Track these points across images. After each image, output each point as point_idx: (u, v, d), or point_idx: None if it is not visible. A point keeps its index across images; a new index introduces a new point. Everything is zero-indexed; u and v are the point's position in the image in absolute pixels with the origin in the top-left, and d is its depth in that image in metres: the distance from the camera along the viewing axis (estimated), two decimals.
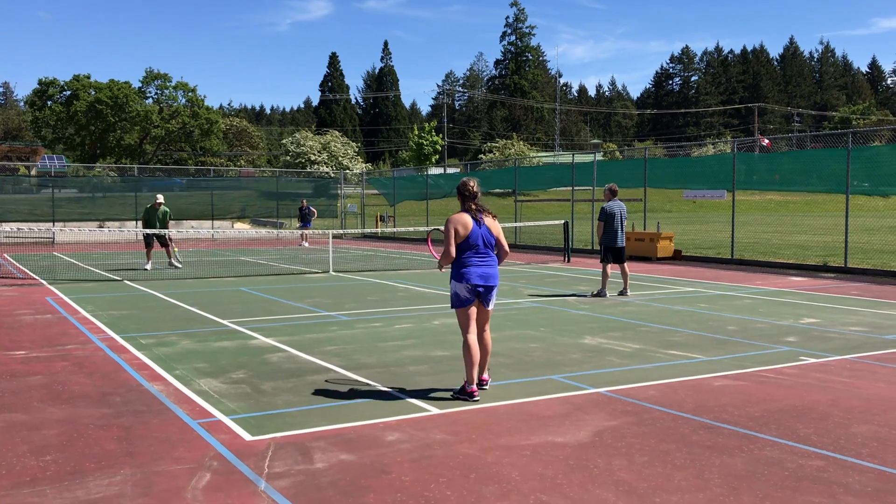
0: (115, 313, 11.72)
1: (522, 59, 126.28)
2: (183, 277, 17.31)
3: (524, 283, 15.90)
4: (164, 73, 68.58)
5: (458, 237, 6.57)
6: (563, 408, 6.25)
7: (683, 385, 7.02)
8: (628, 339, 9.30)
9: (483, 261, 6.63)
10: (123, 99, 63.37)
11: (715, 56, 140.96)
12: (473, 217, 6.62)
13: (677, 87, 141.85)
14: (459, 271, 6.60)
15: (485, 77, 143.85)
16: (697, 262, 21.32)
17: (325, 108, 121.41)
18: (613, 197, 13.69)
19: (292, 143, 68.32)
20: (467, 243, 6.58)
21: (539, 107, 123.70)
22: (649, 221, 24.68)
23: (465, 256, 6.60)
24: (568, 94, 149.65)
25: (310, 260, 22.71)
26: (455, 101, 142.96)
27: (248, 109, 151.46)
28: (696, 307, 12.19)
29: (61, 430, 5.69)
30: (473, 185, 6.70)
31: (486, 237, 6.63)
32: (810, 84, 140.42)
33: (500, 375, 7.39)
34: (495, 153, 72.78)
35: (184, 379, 7.31)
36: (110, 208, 39.06)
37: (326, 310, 12.04)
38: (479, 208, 6.68)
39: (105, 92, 63.14)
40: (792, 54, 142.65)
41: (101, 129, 64.48)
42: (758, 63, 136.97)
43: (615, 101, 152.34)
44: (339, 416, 6.00)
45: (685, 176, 24.33)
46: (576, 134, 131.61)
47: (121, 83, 64.54)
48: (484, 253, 6.64)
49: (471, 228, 6.58)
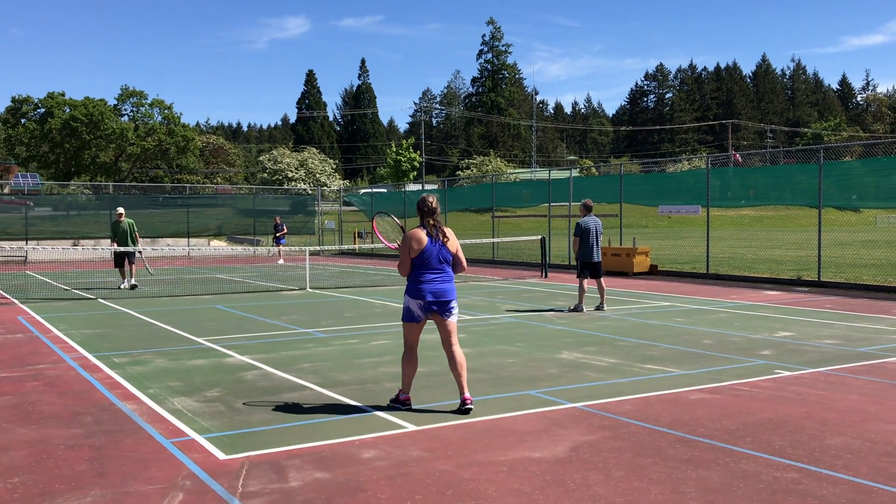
0: (88, 332, 11.57)
1: (499, 77, 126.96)
2: (158, 295, 17.14)
3: (501, 299, 15.90)
4: (140, 91, 68.23)
5: (413, 252, 6.64)
6: (540, 423, 6.24)
7: (660, 399, 7.03)
8: (605, 354, 9.31)
9: (437, 276, 6.69)
10: (98, 116, 62.92)
11: (689, 73, 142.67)
12: (429, 234, 6.68)
13: (652, 104, 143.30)
14: (414, 287, 6.68)
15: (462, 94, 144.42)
16: (673, 276, 21.44)
17: (302, 126, 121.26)
18: (589, 212, 13.75)
19: (269, 160, 68.12)
20: (421, 259, 6.65)
21: (516, 124, 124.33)
22: (625, 237, 24.81)
23: (419, 272, 6.67)
24: (544, 111, 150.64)
25: (287, 277, 22.59)
26: (433, 119, 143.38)
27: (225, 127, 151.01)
28: (672, 321, 12.24)
29: (30, 452, 5.59)
30: (433, 200, 6.73)
31: (440, 254, 6.69)
32: (783, 101, 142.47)
33: (477, 391, 7.36)
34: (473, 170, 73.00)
35: (157, 398, 7.21)
36: (85, 226, 38.67)
37: (303, 327, 11.96)
38: (436, 224, 6.73)
39: (80, 109, 62.67)
40: (764, 71, 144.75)
41: (75, 147, 63.93)
42: (731, 80, 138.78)
43: (591, 118, 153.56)
44: (314, 434, 5.94)
45: (660, 192, 24.50)
46: (552, 150, 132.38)
47: (96, 100, 64.09)
48: (438, 269, 6.69)
49: (425, 244, 6.63)
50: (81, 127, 62.49)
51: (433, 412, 6.61)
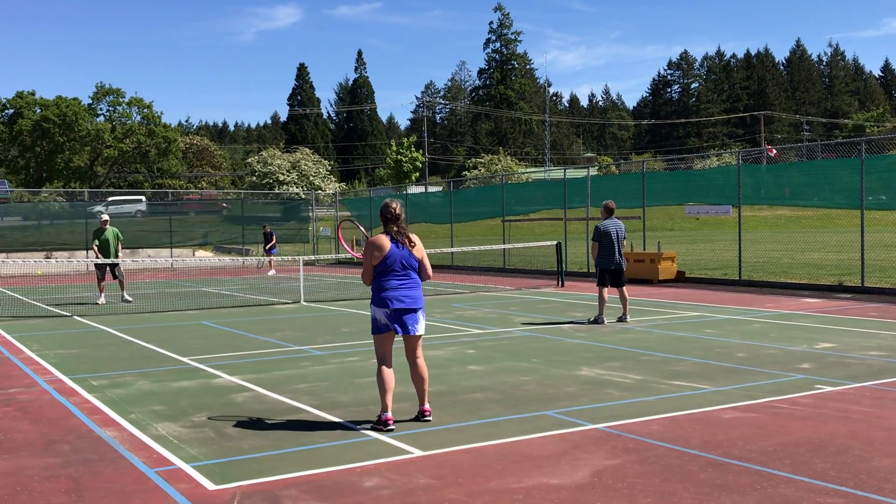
0: (63, 352, 11.61)
1: (508, 68, 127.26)
2: (139, 312, 17.20)
3: (514, 311, 15.90)
4: (117, 89, 68.60)
5: (375, 259, 6.93)
6: (558, 446, 6.24)
7: (689, 418, 7.02)
8: (629, 370, 9.31)
9: (402, 283, 6.97)
10: (72, 117, 63.27)
11: (716, 61, 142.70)
12: (394, 239, 6.95)
13: (676, 96, 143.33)
14: (378, 295, 6.96)
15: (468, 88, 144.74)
16: (702, 284, 21.41)
17: (294, 124, 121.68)
18: (610, 215, 13.77)
19: (259, 162, 68.31)
20: (384, 265, 6.93)
21: (527, 119, 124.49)
22: (649, 241, 24.79)
23: (383, 280, 6.96)
24: (558, 104, 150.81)
25: (279, 290, 22.64)
26: (436, 114, 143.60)
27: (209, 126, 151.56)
28: (702, 333, 12.23)
29: (2, 483, 5.62)
30: (396, 206, 7.06)
31: (405, 259, 6.98)
32: (819, 90, 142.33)
33: (488, 412, 7.37)
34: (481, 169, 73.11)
35: (140, 423, 7.24)
36: (58, 237, 38.81)
37: (297, 344, 11.98)
38: (400, 230, 7.00)
39: (52, 109, 63.02)
40: (799, 58, 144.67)
41: (47, 151, 64.27)
42: (762, 68, 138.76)
43: (609, 111, 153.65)
44: (311, 461, 5.95)
45: (687, 191, 24.48)
46: (568, 147, 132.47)
47: (69, 100, 64.45)
48: (403, 275, 6.99)
49: (388, 250, 6.92)
50: (53, 128, 62.86)
51: (440, 436, 6.62)
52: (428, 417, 7.08)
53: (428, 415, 7.10)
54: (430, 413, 7.11)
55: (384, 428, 6.75)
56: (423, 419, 7.07)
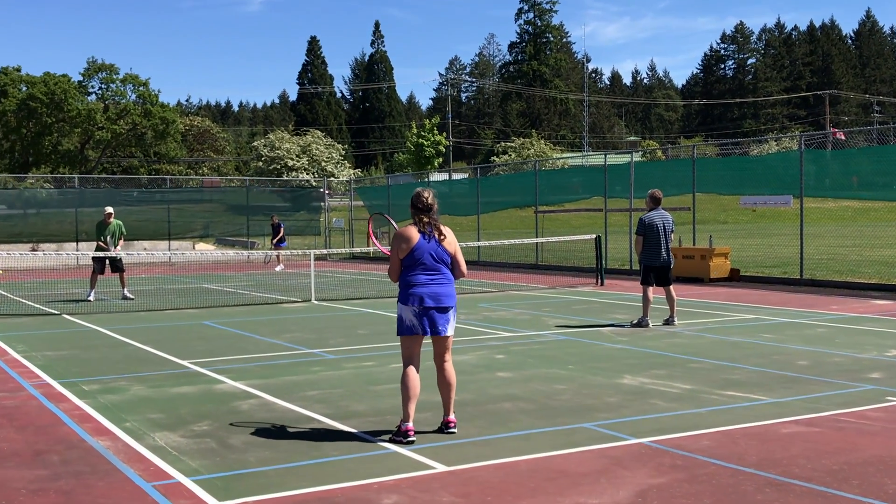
0: (51, 354, 11.74)
1: (542, 42, 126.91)
2: (134, 310, 17.35)
3: (548, 312, 15.88)
4: (110, 65, 69.13)
5: (402, 252, 6.97)
6: (598, 463, 6.23)
7: (745, 433, 6.99)
8: (677, 378, 9.28)
9: (433, 279, 7.00)
10: (61, 95, 63.86)
11: (776, 34, 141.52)
12: (421, 230, 6.99)
13: (731, 73, 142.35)
14: (406, 292, 7.02)
15: (497, 64, 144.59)
16: (759, 283, 21.30)
17: (304, 104, 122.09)
18: (656, 206, 13.71)
19: (265, 145, 68.71)
20: (412, 259, 6.98)
21: (563, 98, 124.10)
22: (700, 235, 24.66)
23: (411, 275, 7.00)
24: (598, 82, 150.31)
25: (288, 287, 22.75)
26: (461, 93, 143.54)
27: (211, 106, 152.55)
28: (759, 338, 12.16)
29: None
30: (428, 196, 7.12)
31: (436, 252, 7.02)
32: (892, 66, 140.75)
33: (519, 424, 7.37)
34: (511, 154, 73.05)
35: (135, 433, 7.30)
36: (45, 227, 39.20)
37: (308, 347, 12.04)
38: (431, 222, 7.03)
39: (39, 87, 63.64)
40: (869, 30, 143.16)
41: (34, 132, 64.91)
42: (828, 42, 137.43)
43: (656, 89, 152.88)
44: (324, 476, 5.98)
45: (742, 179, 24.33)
46: (608, 130, 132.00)
47: (58, 77, 65.04)
48: (434, 269, 7.04)
49: (416, 241, 6.95)
50: (41, 108, 63.47)
51: (466, 450, 6.63)
52: (452, 429, 7.09)
53: (453, 426, 7.10)
54: (454, 424, 7.12)
55: (404, 440, 6.77)
56: (446, 431, 7.08)
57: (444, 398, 7.17)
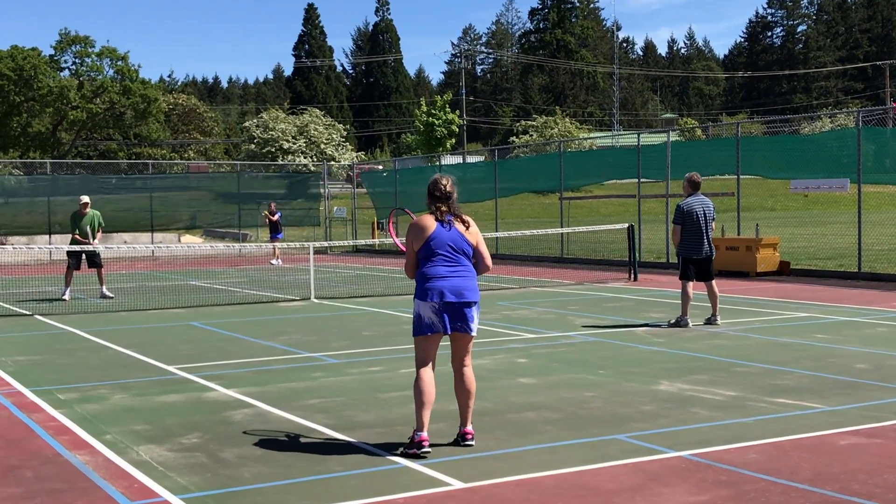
0: (23, 359, 11.80)
1: (567, 8, 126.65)
2: (114, 310, 17.42)
3: (575, 311, 15.86)
4: (85, 37, 69.40)
5: (417, 242, 6.99)
6: (632, 478, 6.23)
7: (797, 445, 6.98)
8: (720, 384, 9.27)
9: (453, 271, 7.00)
10: (30, 71, 64.13)
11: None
12: (438, 219, 7.00)
13: (779, 41, 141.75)
14: (423, 286, 7.00)
15: (516, 33, 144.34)
16: (812, 277, 21.25)
17: (300, 79, 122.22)
18: (695, 191, 13.67)
19: (258, 126, 68.84)
20: (429, 249, 6.98)
21: (591, 71, 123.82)
22: (745, 223, 24.58)
23: (429, 267, 6.99)
24: (630, 52, 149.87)
25: (284, 283, 22.80)
26: (477, 67, 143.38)
27: (197, 83, 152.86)
28: (812, 339, 12.13)
29: None
30: (447, 183, 7.15)
31: (455, 242, 7.03)
32: None
33: (544, 435, 7.37)
34: (532, 134, 72.97)
35: (117, 446, 7.34)
36: (14, 218, 39.38)
37: (307, 350, 12.07)
38: (450, 211, 7.07)
39: (5, 63, 63.91)
40: None
41: (1, 113, 65.17)
42: (888, 6, 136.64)
43: (695, 61, 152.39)
44: (327, 494, 6.01)
45: (792, 161, 24.23)
46: (641, 107, 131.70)
47: (26, 50, 65.32)
48: (454, 260, 7.05)
49: (432, 230, 6.96)
50: (8, 85, 63.76)
51: (485, 464, 6.64)
52: (469, 441, 7.08)
53: (470, 439, 7.10)
54: (472, 437, 7.11)
55: (418, 451, 6.77)
56: (463, 443, 7.08)
57: (461, 407, 7.16)
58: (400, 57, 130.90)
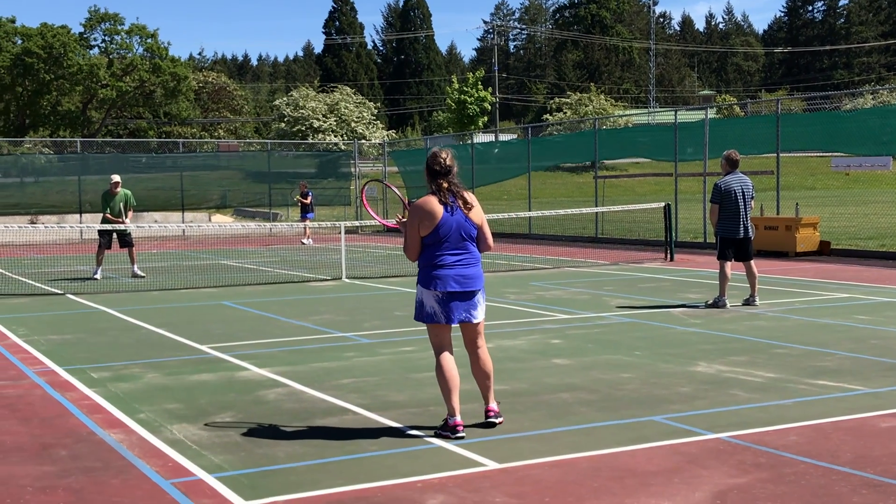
0: (55, 338, 11.94)
1: None
2: (146, 289, 17.57)
3: (610, 291, 15.84)
4: (114, 14, 69.58)
5: (424, 229, 6.86)
6: (669, 460, 6.24)
7: (837, 427, 6.96)
8: (759, 366, 9.24)
9: (459, 258, 6.94)
10: (60, 49, 64.48)
11: None
12: (443, 201, 6.84)
13: (820, 16, 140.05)
14: (428, 274, 6.94)
15: (551, 8, 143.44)
16: (853, 257, 21.10)
17: (331, 57, 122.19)
18: (733, 169, 13.59)
19: (288, 104, 68.89)
20: (437, 237, 6.87)
21: (626, 47, 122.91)
22: (784, 202, 24.41)
23: (435, 255, 6.91)
24: (667, 28, 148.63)
25: (315, 263, 22.89)
26: (509, 43, 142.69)
27: (227, 61, 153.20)
28: (853, 320, 12.07)
29: None
30: (446, 157, 6.95)
31: (462, 227, 6.91)
32: None
33: (579, 417, 7.39)
34: (566, 112, 72.60)
35: (151, 425, 7.43)
36: (45, 197, 39.73)
37: (339, 330, 12.14)
38: (452, 188, 6.90)
39: (35, 41, 64.27)
40: None
41: (30, 91, 65.66)
42: None
43: (733, 36, 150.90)
44: (361, 474, 6.05)
45: (833, 138, 24.02)
46: (678, 83, 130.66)
47: (56, 28, 65.64)
48: (460, 248, 6.97)
49: (440, 217, 6.82)
50: (38, 64, 64.13)
51: (520, 445, 6.67)
52: (493, 418, 7.11)
53: (493, 415, 7.11)
54: (495, 414, 7.13)
55: (452, 435, 6.79)
56: (488, 420, 7.10)
57: (481, 388, 7.19)
58: (431, 33, 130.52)
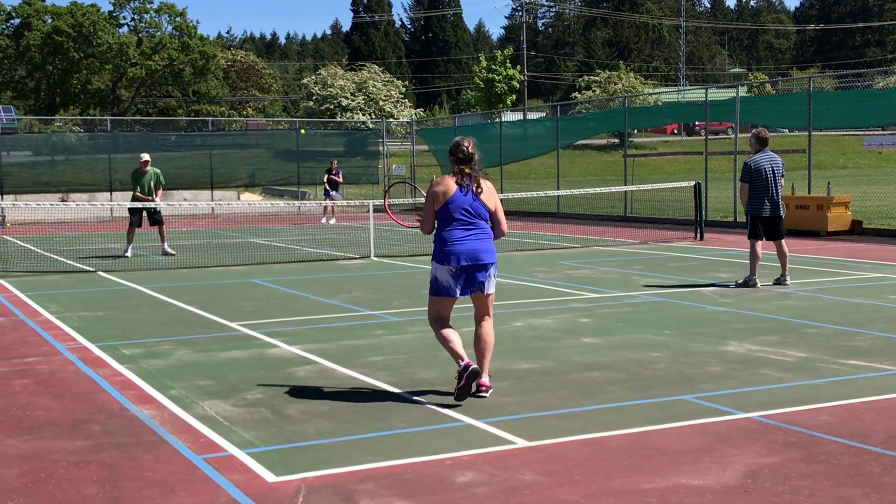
0: (87, 315, 12.06)
1: None
2: (176, 267, 17.69)
3: (639, 270, 15.79)
4: None
5: (438, 202, 7.35)
6: (699, 439, 6.24)
7: (870, 407, 6.93)
8: (790, 345, 9.21)
9: (470, 233, 7.31)
10: (90, 28, 64.80)
11: None
12: (459, 183, 7.27)
13: None
14: (441, 249, 7.36)
15: None
16: (885, 237, 20.97)
17: (359, 35, 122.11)
18: (763, 147, 13.49)
19: (316, 83, 68.94)
20: (447, 211, 7.29)
21: (656, 24, 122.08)
22: (815, 181, 24.24)
23: (446, 229, 7.33)
24: (697, 5, 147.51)
25: (343, 242, 22.96)
26: (538, 20, 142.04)
27: (255, 39, 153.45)
28: (886, 300, 11.99)
29: (24, 469, 5.90)
30: (469, 145, 7.38)
31: (473, 206, 7.35)
32: None
33: (609, 395, 7.39)
34: (595, 90, 72.26)
35: (182, 401, 7.49)
36: (75, 175, 40.03)
37: (368, 308, 12.18)
38: (471, 173, 7.30)
39: (65, 19, 64.64)
40: None
41: (61, 70, 66.07)
42: None
43: (764, 13, 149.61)
44: (391, 450, 6.09)
45: (866, 116, 23.86)
46: (709, 61, 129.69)
47: (86, 7, 65.98)
48: (471, 224, 7.36)
49: (453, 192, 7.25)
50: (68, 42, 64.51)
51: (549, 423, 6.68)
52: (483, 393, 7.34)
53: (484, 390, 7.35)
54: (486, 388, 7.37)
55: (465, 374, 7.00)
56: (478, 395, 7.31)
57: (479, 359, 7.43)
58: (459, 11, 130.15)
